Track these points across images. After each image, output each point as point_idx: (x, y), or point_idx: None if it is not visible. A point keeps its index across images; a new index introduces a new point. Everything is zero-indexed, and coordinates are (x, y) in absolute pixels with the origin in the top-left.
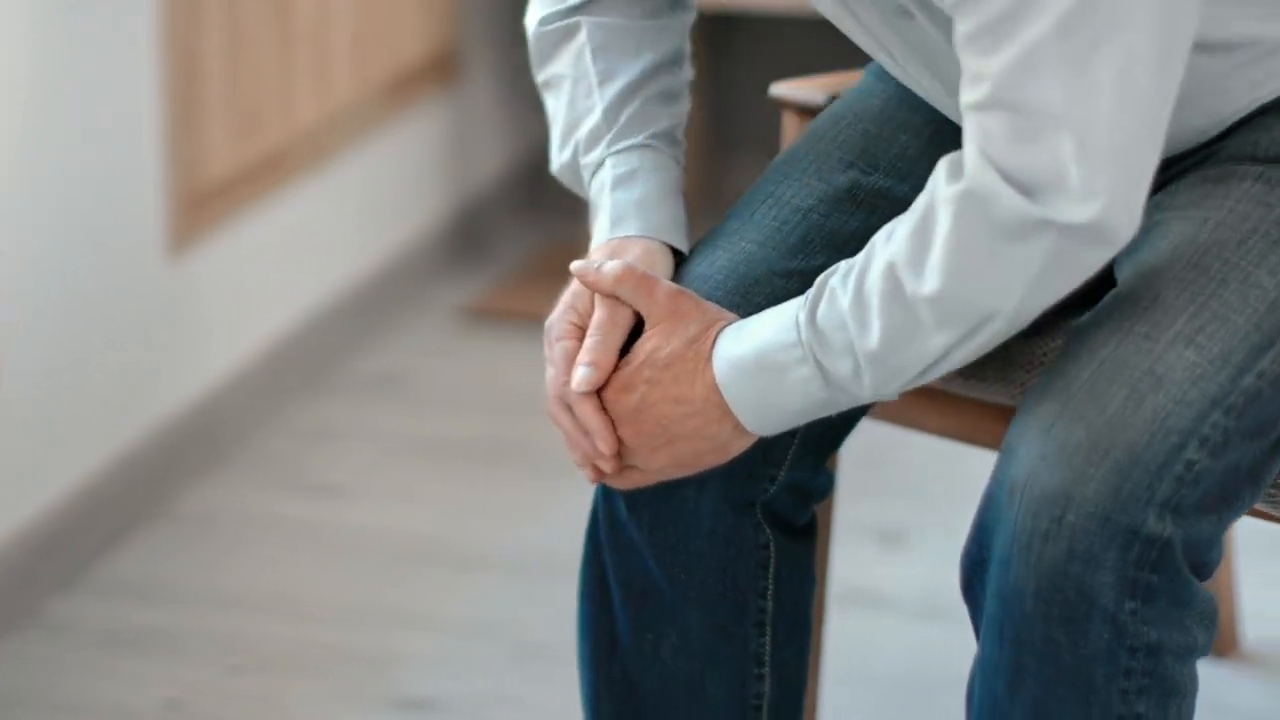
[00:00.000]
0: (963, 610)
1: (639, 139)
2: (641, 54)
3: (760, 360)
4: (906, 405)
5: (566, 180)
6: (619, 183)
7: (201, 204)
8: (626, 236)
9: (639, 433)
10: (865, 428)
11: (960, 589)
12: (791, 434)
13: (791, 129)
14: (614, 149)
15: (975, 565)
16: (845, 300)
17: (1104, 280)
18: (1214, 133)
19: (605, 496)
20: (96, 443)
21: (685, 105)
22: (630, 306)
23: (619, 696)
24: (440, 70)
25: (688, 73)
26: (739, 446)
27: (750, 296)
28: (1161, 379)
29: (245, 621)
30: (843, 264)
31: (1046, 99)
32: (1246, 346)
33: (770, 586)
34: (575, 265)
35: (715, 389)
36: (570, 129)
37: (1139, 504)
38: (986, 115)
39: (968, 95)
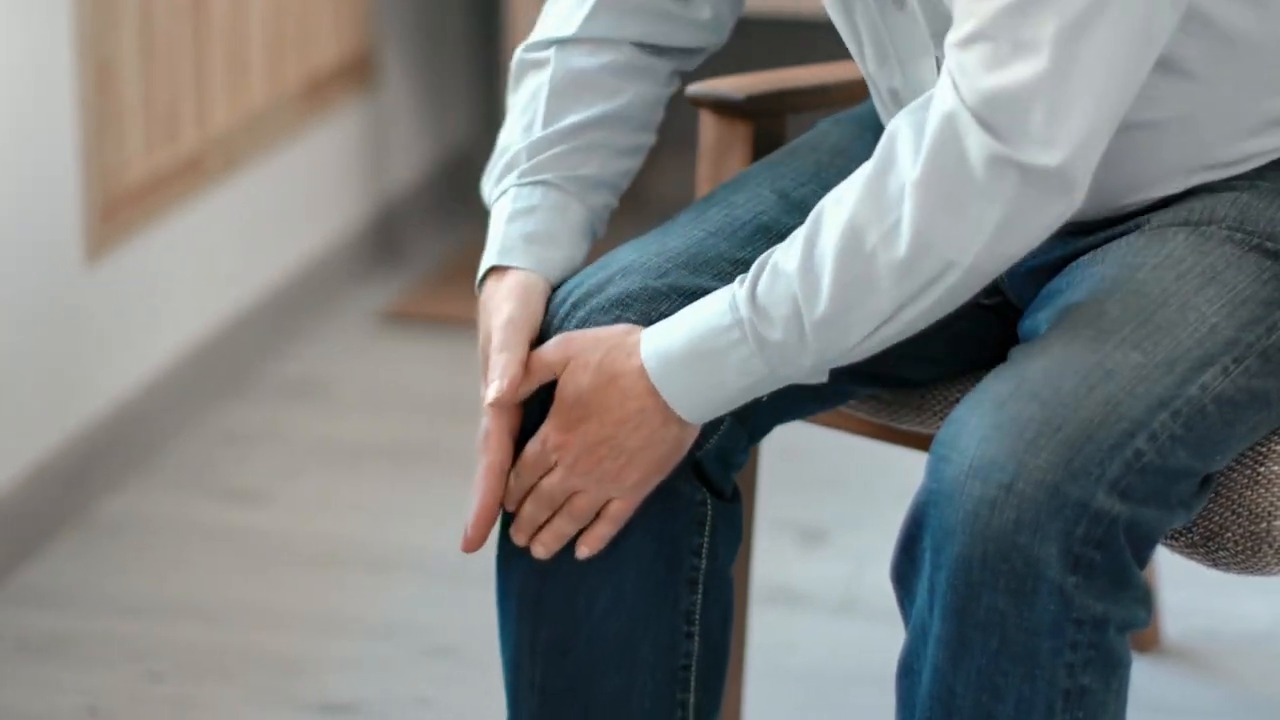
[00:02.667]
0: (881, 606)
1: (548, 177)
2: (595, 103)
3: (693, 349)
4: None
5: (487, 200)
6: (515, 216)
7: (118, 209)
8: (508, 267)
9: (597, 465)
10: (785, 425)
11: (891, 573)
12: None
13: (709, 128)
14: (521, 181)
15: (911, 543)
16: (792, 267)
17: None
18: (1144, 199)
19: None
20: (11, 450)
21: (628, 164)
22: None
23: (546, 661)
24: (356, 73)
25: (648, 138)
26: (690, 438)
27: (700, 272)
28: (1111, 373)
29: (163, 627)
30: (780, 245)
31: (1030, 35)
32: (1190, 359)
33: (705, 544)
34: (489, 402)
35: (649, 393)
36: (499, 155)
37: (1089, 479)
38: (967, 51)
39: (953, 35)
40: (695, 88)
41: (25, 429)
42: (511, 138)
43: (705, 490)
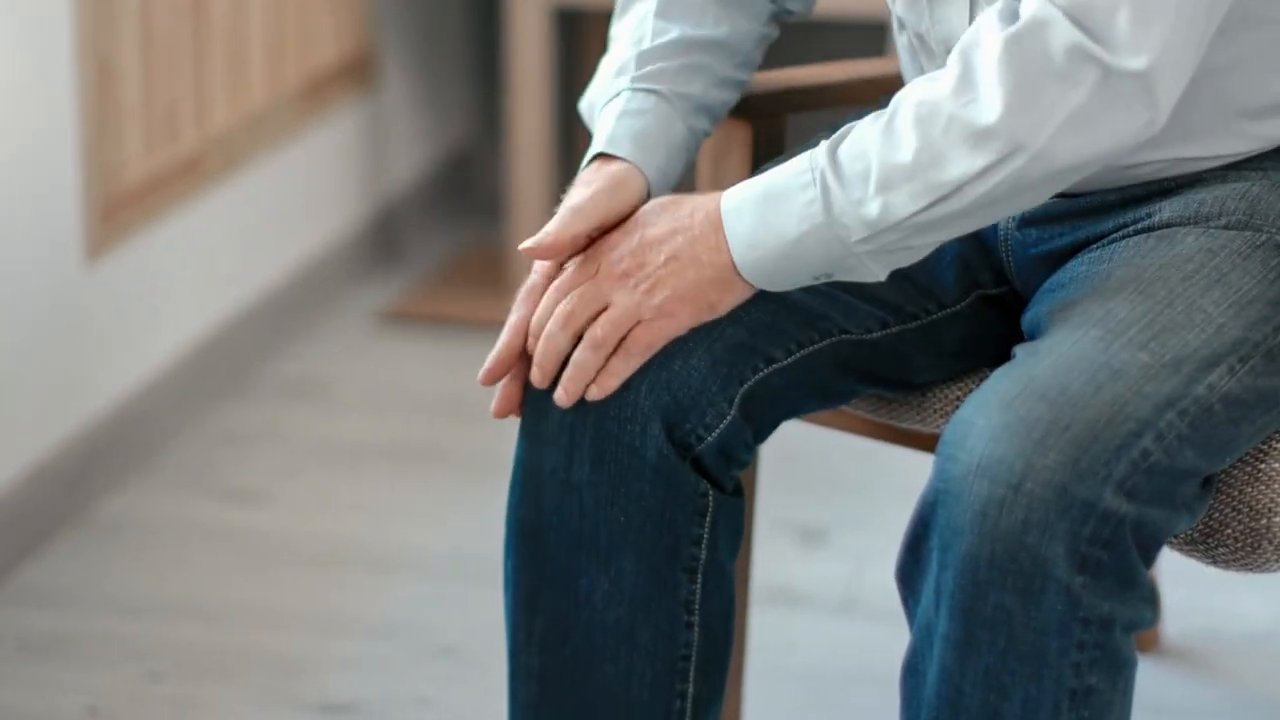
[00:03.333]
0: (882, 606)
1: (659, 88)
2: (700, 26)
3: (766, 190)
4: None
5: (586, 117)
6: (625, 114)
7: (118, 209)
8: (612, 155)
9: (639, 267)
10: (786, 425)
11: (896, 573)
12: (728, 398)
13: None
14: (634, 86)
15: (917, 543)
16: (874, 129)
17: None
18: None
19: (537, 443)
20: (12, 450)
21: (725, 95)
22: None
23: (546, 649)
24: (356, 74)
25: (746, 75)
26: (736, 290)
27: None
28: (1119, 372)
29: (163, 627)
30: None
31: None
32: (1197, 359)
33: (705, 535)
34: (524, 244)
35: (715, 214)
36: (606, 70)
37: (1097, 479)
38: None
39: None
40: None
41: (25, 428)
42: (621, 54)
43: (706, 482)
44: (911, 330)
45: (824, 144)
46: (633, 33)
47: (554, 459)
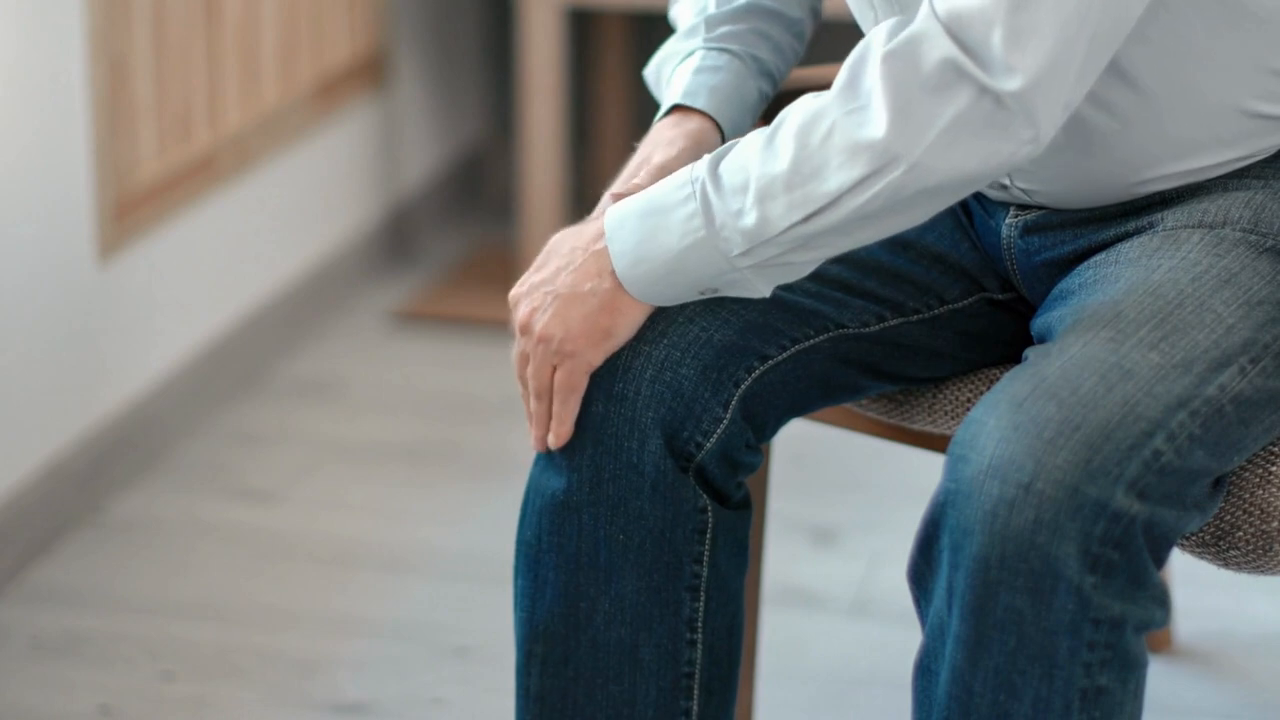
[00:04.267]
0: (894, 607)
1: (732, 47)
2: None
3: (647, 205)
4: (840, 407)
5: (651, 82)
6: (701, 70)
7: (130, 209)
8: (691, 108)
9: (533, 313)
10: (797, 426)
11: (907, 573)
12: (722, 402)
13: None
14: (708, 45)
15: (929, 544)
16: (757, 143)
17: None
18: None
19: (545, 465)
20: (25, 449)
21: (781, 63)
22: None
23: (547, 671)
24: (369, 73)
25: (799, 46)
26: (627, 310)
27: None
28: (1129, 373)
29: (176, 627)
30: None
31: None
32: (1208, 359)
33: (706, 552)
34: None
35: (596, 241)
36: (674, 36)
37: (1108, 479)
38: None
39: None
40: None
41: (38, 427)
42: (687, 19)
43: (707, 496)
44: (913, 323)
45: (706, 158)
46: (694, 3)
47: (555, 480)
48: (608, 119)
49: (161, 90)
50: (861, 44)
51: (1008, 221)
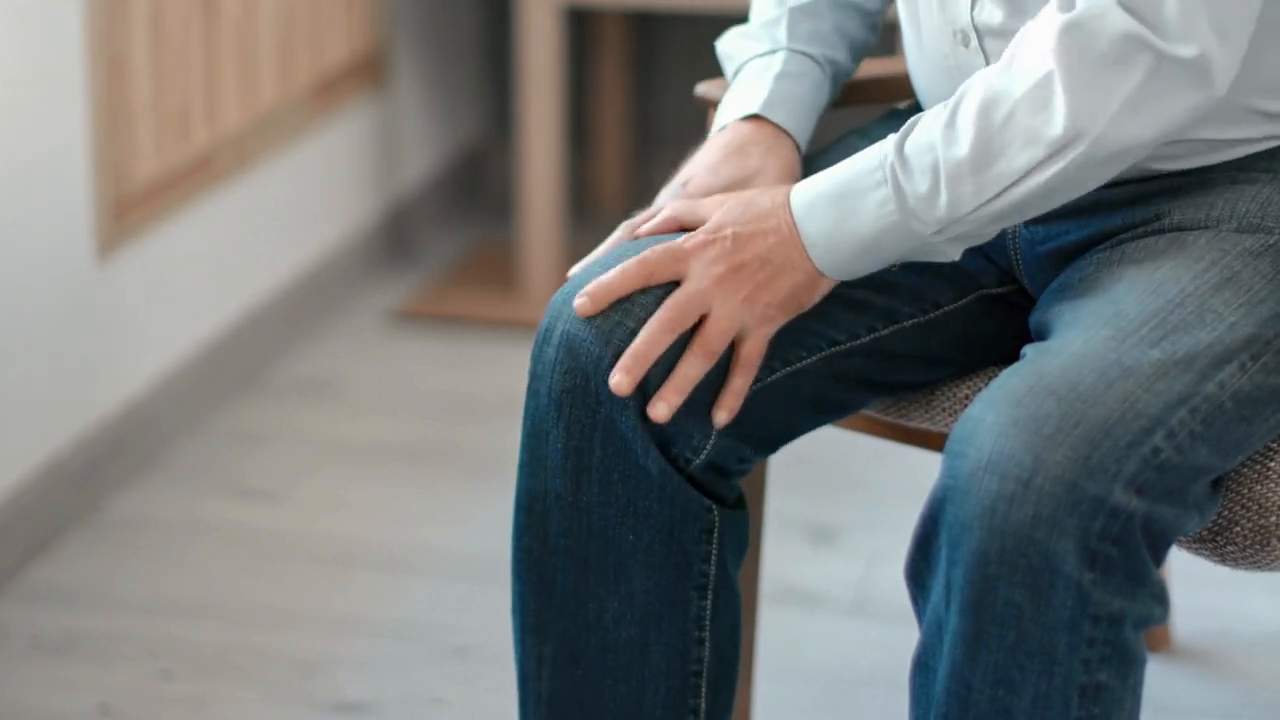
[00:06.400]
0: (892, 607)
1: (814, 52)
2: None
3: (838, 189)
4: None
5: (722, 54)
6: (784, 76)
7: (129, 208)
8: (767, 119)
9: (736, 269)
10: None
11: (905, 571)
12: (708, 432)
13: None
14: (792, 47)
15: (927, 540)
16: (939, 122)
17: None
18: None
19: (543, 472)
20: (24, 448)
21: (855, 62)
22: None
23: (557, 673)
24: (367, 72)
25: (872, 38)
26: (822, 288)
27: None
28: (1130, 370)
29: (176, 626)
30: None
31: None
32: (1209, 355)
33: (714, 551)
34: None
35: (790, 225)
36: (755, 19)
37: (1107, 475)
38: None
39: None
40: (703, 87)
41: (37, 426)
42: (769, 7)
43: (708, 497)
44: (906, 329)
45: (892, 138)
46: None
47: (560, 483)
48: (606, 118)
49: (160, 89)
50: (1030, 24)
51: None
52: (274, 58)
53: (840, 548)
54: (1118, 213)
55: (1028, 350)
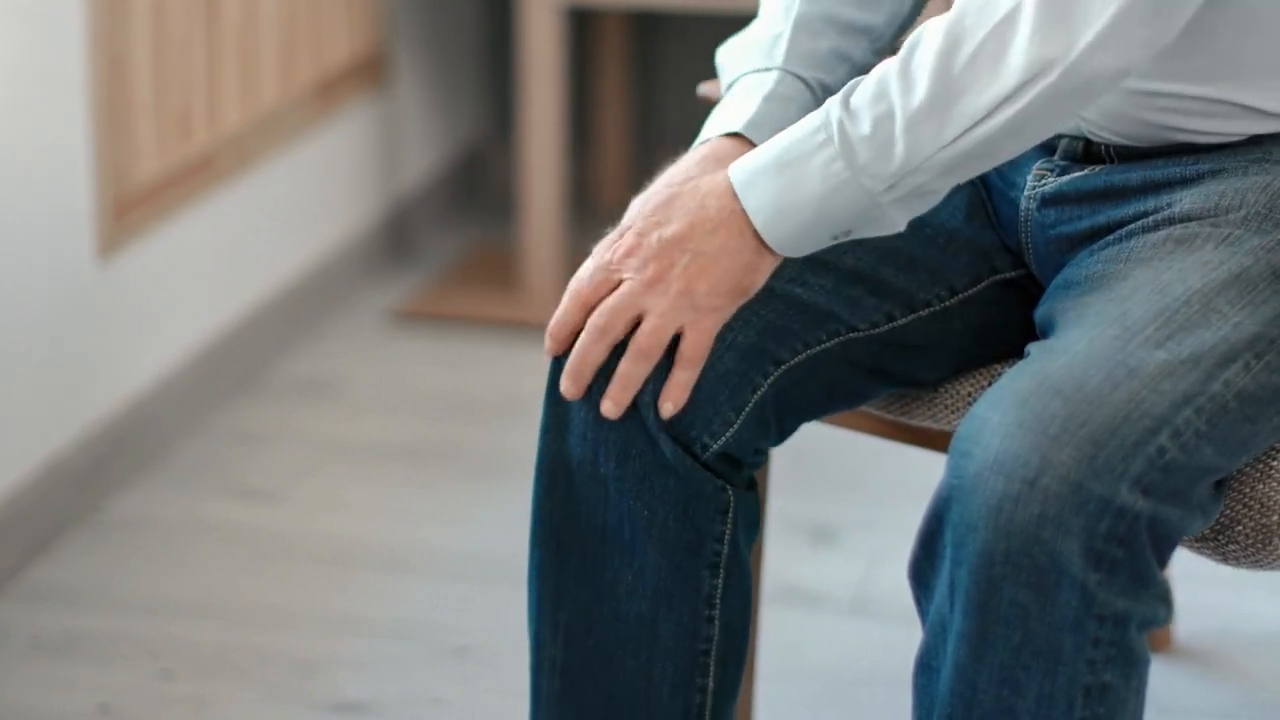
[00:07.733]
0: (894, 606)
1: (808, 76)
2: (861, 6)
3: (779, 157)
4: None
5: (720, 62)
6: (773, 98)
7: (130, 208)
8: (748, 139)
9: (669, 269)
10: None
11: (909, 570)
12: (735, 406)
13: None
14: (787, 68)
15: (931, 539)
16: (892, 68)
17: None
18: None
19: (564, 438)
20: (24, 448)
21: (854, 76)
22: None
23: (570, 641)
24: (368, 72)
25: (879, 61)
26: (765, 268)
27: None
28: (1135, 370)
29: (176, 626)
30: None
31: None
32: (1214, 355)
33: (727, 531)
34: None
35: (728, 195)
36: (758, 29)
37: (1113, 475)
38: None
39: None
40: (705, 87)
41: (38, 426)
42: (774, 22)
43: (723, 480)
44: (923, 319)
45: (832, 100)
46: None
47: (580, 451)
48: (607, 118)
49: (161, 89)
50: None
51: (1026, 194)
52: (275, 58)
53: (841, 547)
54: (1129, 201)
55: (1032, 349)
